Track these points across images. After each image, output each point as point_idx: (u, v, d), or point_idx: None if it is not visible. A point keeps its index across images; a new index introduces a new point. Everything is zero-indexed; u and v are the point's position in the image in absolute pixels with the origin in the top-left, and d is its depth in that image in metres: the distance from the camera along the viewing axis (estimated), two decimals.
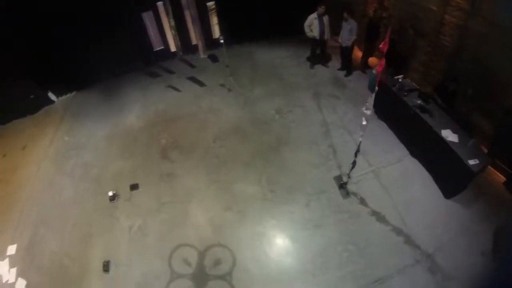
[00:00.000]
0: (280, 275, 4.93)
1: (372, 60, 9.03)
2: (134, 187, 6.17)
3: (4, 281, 5.08)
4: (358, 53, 8.97)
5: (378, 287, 4.89)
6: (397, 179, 6.32)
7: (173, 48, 8.49)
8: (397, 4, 8.30)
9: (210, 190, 5.98)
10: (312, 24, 8.09)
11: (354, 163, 5.59)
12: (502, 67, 6.40)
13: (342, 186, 5.95)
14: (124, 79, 8.79)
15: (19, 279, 5.08)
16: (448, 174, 6.24)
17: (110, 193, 5.97)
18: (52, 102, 8.32)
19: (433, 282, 5.01)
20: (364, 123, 5.06)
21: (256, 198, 5.80)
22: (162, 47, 8.48)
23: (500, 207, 6.00)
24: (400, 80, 7.31)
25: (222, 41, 7.59)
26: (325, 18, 8.14)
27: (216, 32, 8.32)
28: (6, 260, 5.30)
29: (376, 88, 4.90)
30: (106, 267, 5.08)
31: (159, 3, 7.94)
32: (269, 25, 9.32)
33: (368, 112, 4.96)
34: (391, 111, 7.42)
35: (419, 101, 6.77)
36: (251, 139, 6.86)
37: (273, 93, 7.98)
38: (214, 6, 8.35)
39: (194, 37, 8.52)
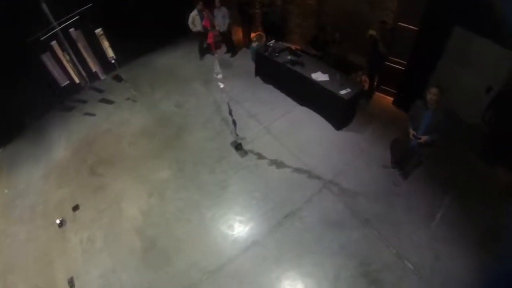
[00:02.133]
0: (204, 234, 5.64)
1: (253, 35, 10.06)
2: (75, 208, 6.71)
3: None
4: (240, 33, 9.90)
5: (289, 220, 5.58)
6: (288, 128, 7.08)
7: (77, 80, 9.19)
8: None
9: (134, 186, 6.66)
10: (195, 20, 8.80)
11: (233, 122, 6.36)
12: (356, 8, 7.35)
13: (238, 147, 6.69)
14: (46, 119, 9.15)
15: None
16: (330, 109, 6.98)
17: (58, 221, 6.46)
18: None
19: (341, 202, 5.72)
20: (221, 86, 5.75)
21: (170, 179, 6.55)
22: (68, 82, 9.17)
23: (391, 124, 6.83)
24: (271, 44, 8.07)
25: (113, 61, 8.34)
26: (205, 13, 8.86)
27: (111, 53, 9.11)
28: None
29: (215, 54, 5.62)
30: (71, 283, 5.52)
31: (53, 43, 8.56)
32: (160, 31, 9.90)
33: (219, 76, 5.63)
34: (271, 73, 8.20)
35: (289, 57, 7.52)
36: (158, 135, 7.59)
37: (171, 91, 8.72)
38: (102, 32, 9.11)
39: (92, 65, 9.30)
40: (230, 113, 6.22)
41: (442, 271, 4.84)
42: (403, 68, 6.95)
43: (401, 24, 6.64)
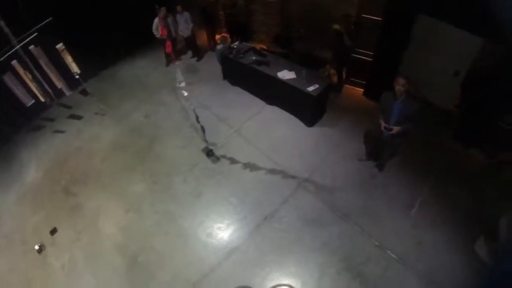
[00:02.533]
0: (184, 245, 5.54)
1: (218, 37, 9.87)
2: (53, 231, 6.51)
3: None
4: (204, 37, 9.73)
5: (268, 222, 5.54)
6: (259, 129, 6.99)
7: (42, 99, 8.89)
8: None
9: (110, 203, 6.50)
10: (159, 27, 8.53)
11: (202, 128, 6.22)
12: (319, 2, 7.28)
13: (209, 154, 6.55)
14: (14, 141, 8.77)
15: None
16: (300, 106, 6.88)
17: (37, 246, 6.26)
18: None
19: (318, 199, 5.69)
20: (185, 94, 5.67)
21: (145, 193, 6.42)
22: (33, 101, 8.85)
23: (364, 115, 6.75)
24: (235, 46, 7.88)
25: (77, 76, 8.04)
26: (169, 19, 8.61)
27: (75, 68, 8.83)
28: None
29: (176, 63, 5.50)
30: None
31: (14, 62, 8.24)
32: (124, 41, 9.66)
33: (182, 84, 5.53)
34: (238, 75, 8.05)
35: (253, 57, 7.36)
36: (130, 148, 7.39)
37: (139, 101, 8.50)
38: (63, 47, 8.82)
39: (56, 81, 8.99)
40: (197, 120, 6.07)
41: (427, 257, 4.91)
42: (371, 59, 6.93)
43: (365, 16, 6.59)
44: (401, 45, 6.17)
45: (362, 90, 7.44)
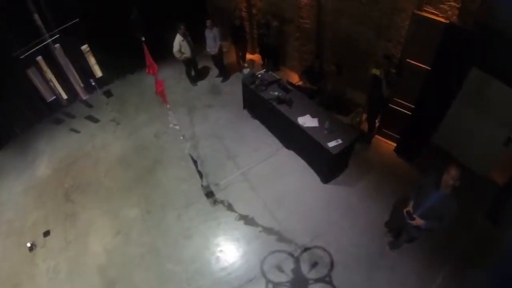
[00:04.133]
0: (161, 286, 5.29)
1: (249, 58, 9.41)
2: (46, 233, 6.53)
3: None
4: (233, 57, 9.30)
5: (252, 286, 4.99)
6: (268, 176, 6.37)
7: (60, 98, 8.87)
8: None
9: (103, 220, 6.39)
10: (182, 47, 7.94)
11: (200, 173, 5.76)
12: (359, 35, 6.43)
13: (209, 195, 6.05)
14: (35, 129, 8.90)
15: None
16: (317, 160, 6.08)
17: (28, 244, 6.31)
18: None
19: (314, 271, 5.02)
20: (181, 138, 5.29)
21: (136, 220, 6.21)
22: (54, 97, 8.85)
23: (389, 176, 5.98)
24: (259, 75, 7.12)
25: (93, 83, 7.85)
26: (189, 38, 8.07)
27: (97, 71, 8.73)
28: None
29: (167, 106, 5.01)
30: None
31: (39, 58, 8.26)
32: (151, 48, 9.57)
33: (177, 127, 5.09)
34: (257, 107, 7.34)
35: (276, 93, 6.54)
36: (133, 166, 7.21)
37: (153, 117, 8.23)
38: (88, 48, 8.72)
39: (75, 83, 8.89)
40: (195, 165, 5.64)
41: None
42: (409, 113, 5.90)
43: (410, 61, 5.42)
44: (448, 102, 5.17)
45: (394, 145, 6.50)
